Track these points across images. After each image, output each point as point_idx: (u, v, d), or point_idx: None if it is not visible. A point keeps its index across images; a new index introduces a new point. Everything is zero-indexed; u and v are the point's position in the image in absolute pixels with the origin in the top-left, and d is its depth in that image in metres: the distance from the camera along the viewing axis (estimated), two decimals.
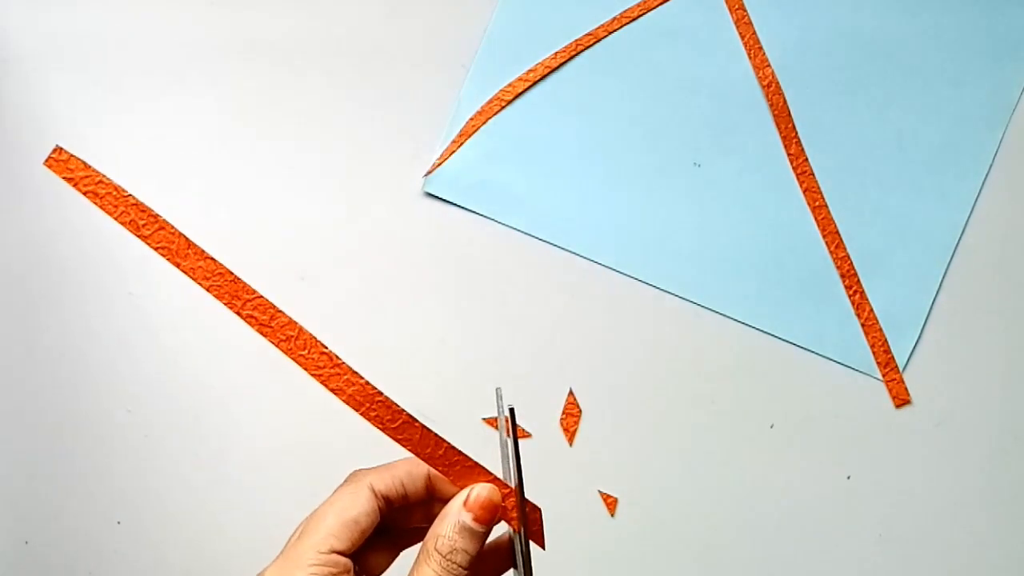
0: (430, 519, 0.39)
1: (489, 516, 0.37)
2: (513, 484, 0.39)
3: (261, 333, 0.37)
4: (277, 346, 0.37)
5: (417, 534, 0.42)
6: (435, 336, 0.65)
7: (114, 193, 0.36)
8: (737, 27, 0.67)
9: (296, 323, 0.37)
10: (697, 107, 0.67)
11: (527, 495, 0.40)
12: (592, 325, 0.66)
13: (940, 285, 0.66)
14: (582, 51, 0.67)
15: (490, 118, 0.66)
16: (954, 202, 0.67)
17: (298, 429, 0.65)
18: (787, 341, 0.66)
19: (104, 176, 0.36)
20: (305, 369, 0.38)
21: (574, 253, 0.66)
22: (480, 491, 0.38)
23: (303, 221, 0.65)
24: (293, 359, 0.37)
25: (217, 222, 0.65)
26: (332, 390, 0.38)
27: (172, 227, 0.36)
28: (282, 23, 0.66)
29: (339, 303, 0.65)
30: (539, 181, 0.66)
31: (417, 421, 0.39)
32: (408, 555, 0.41)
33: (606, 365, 0.66)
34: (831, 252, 0.66)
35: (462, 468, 0.39)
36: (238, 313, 0.37)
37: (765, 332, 0.66)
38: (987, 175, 0.67)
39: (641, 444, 0.65)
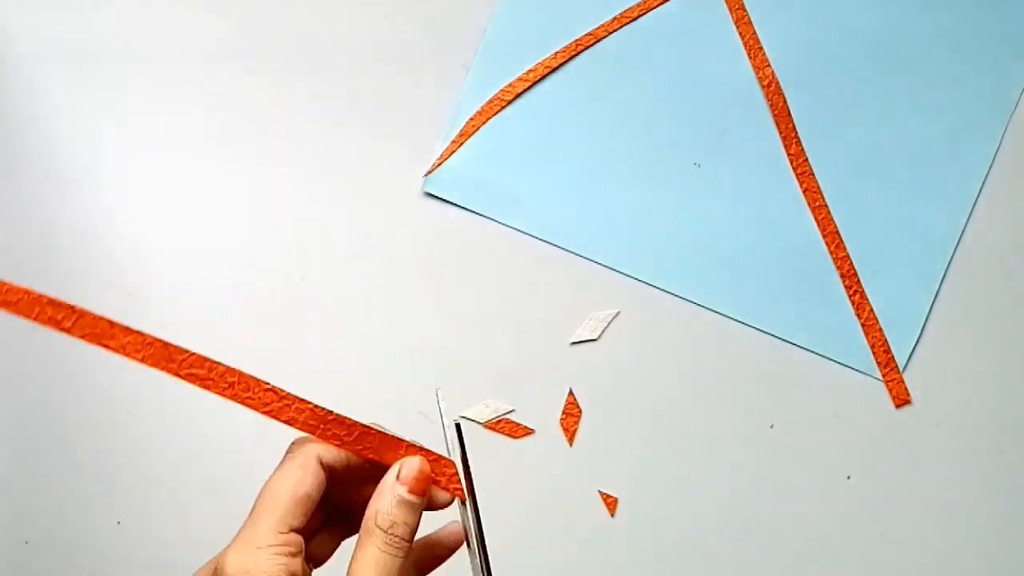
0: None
1: (422, 486, 0.38)
2: (458, 463, 0.40)
3: (204, 387, 0.37)
4: (221, 395, 0.37)
5: (358, 521, 0.42)
6: (435, 335, 0.65)
7: (24, 297, 0.35)
8: (737, 27, 0.67)
9: (234, 369, 0.37)
10: (697, 107, 0.67)
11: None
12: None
13: (940, 285, 0.66)
14: (582, 51, 0.67)
15: (490, 118, 0.66)
16: (954, 202, 0.67)
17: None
18: (787, 341, 0.66)
19: (9, 283, 0.35)
20: (254, 409, 0.38)
21: (574, 253, 0.66)
22: (410, 463, 0.38)
23: (303, 221, 0.65)
24: (240, 403, 0.37)
25: (218, 222, 0.65)
26: (285, 422, 0.38)
27: (90, 313, 0.36)
28: (283, 23, 0.66)
29: (339, 303, 0.65)
30: (539, 181, 0.66)
31: (372, 428, 0.39)
32: (349, 544, 0.41)
33: (606, 365, 0.65)
34: (831, 252, 0.66)
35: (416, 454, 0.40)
36: (176, 375, 0.37)
37: (765, 332, 0.66)
38: (987, 175, 0.67)
39: (641, 444, 0.65)
